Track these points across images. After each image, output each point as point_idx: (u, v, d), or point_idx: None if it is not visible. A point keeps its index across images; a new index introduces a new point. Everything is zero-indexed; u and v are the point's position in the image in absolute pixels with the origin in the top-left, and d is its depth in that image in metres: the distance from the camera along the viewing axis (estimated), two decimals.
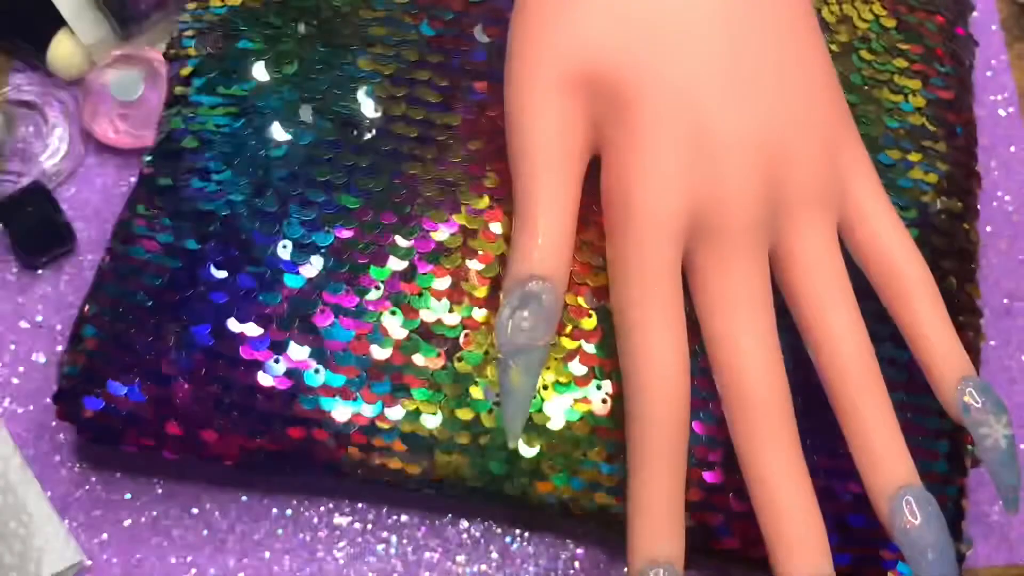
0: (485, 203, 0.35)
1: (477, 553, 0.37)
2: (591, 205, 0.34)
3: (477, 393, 0.34)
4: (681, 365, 0.31)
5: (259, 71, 0.36)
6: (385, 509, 0.37)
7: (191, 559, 0.37)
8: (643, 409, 0.31)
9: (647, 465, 0.31)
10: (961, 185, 0.38)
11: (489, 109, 0.36)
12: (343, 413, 0.33)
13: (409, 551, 0.37)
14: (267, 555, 0.37)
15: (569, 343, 0.34)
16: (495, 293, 0.34)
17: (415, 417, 0.33)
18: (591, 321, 0.34)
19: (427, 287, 0.34)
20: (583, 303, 0.34)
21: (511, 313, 0.31)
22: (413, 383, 0.33)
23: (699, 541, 0.34)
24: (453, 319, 0.34)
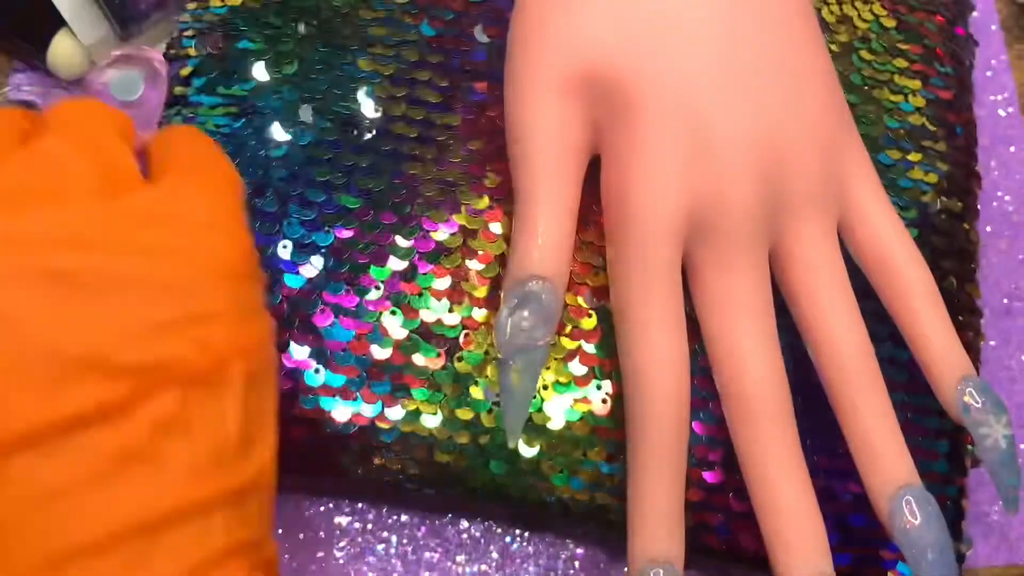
0: (485, 203, 0.35)
1: (477, 553, 0.37)
2: (591, 205, 0.34)
3: (477, 393, 0.34)
4: (681, 365, 0.31)
5: (259, 71, 0.36)
6: (385, 509, 0.37)
7: None
8: (643, 409, 0.31)
9: (647, 465, 0.31)
10: (961, 185, 0.38)
11: (489, 109, 0.36)
12: (343, 413, 0.33)
13: (409, 551, 0.37)
14: None
15: (569, 343, 0.34)
16: (495, 293, 0.34)
17: (415, 417, 0.33)
18: (591, 321, 0.34)
19: (427, 287, 0.34)
20: (583, 303, 0.34)
21: (510, 313, 0.31)
22: (413, 383, 0.33)
23: (699, 541, 0.34)
24: (453, 319, 0.34)
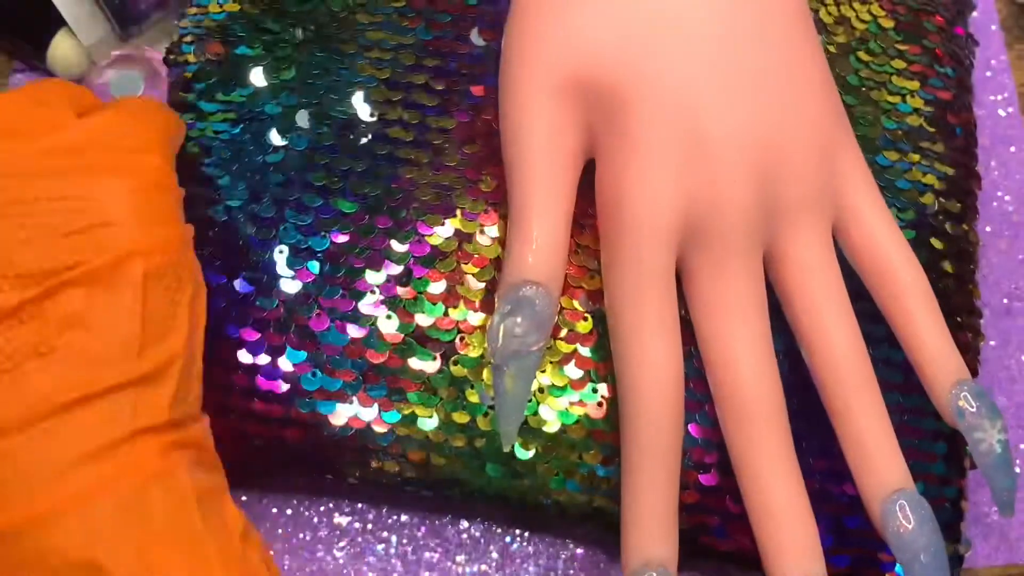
0: (481, 207, 0.35)
1: (477, 553, 0.37)
2: (586, 209, 0.34)
3: (473, 396, 0.34)
4: (675, 368, 0.31)
5: (257, 77, 0.36)
6: (385, 509, 0.37)
7: None
8: (637, 412, 0.31)
9: (641, 467, 0.31)
10: (960, 186, 0.38)
11: (485, 113, 0.36)
12: (340, 417, 0.33)
13: (409, 551, 0.37)
14: None
15: (565, 346, 0.34)
16: (490, 296, 0.34)
17: (411, 420, 0.34)
18: (586, 325, 0.34)
19: (423, 291, 0.34)
20: (578, 306, 0.34)
21: (503, 319, 0.31)
22: (409, 387, 0.34)
23: (695, 543, 0.34)
24: (448, 323, 0.34)
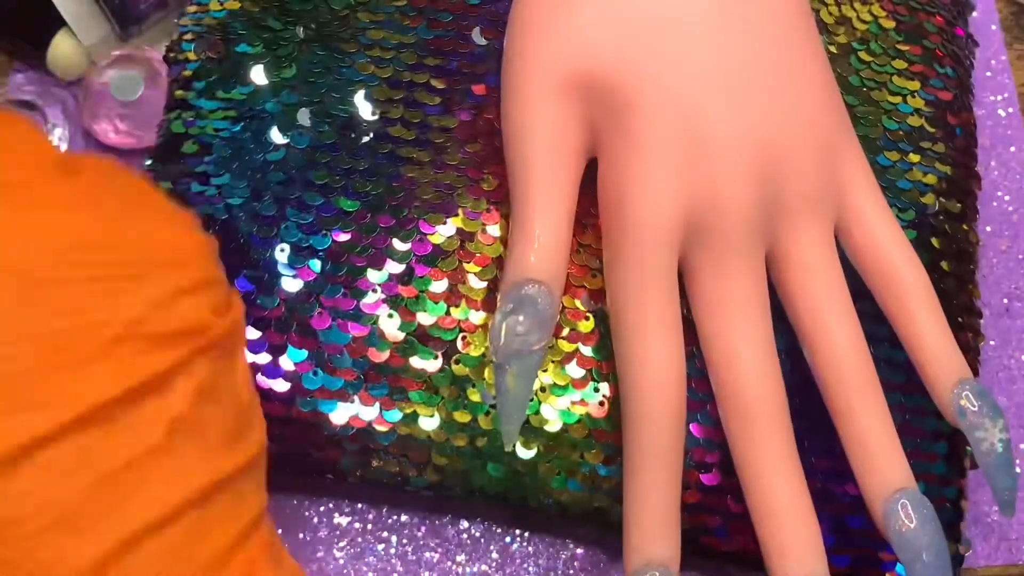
0: (482, 206, 0.35)
1: (477, 553, 0.37)
2: (588, 208, 0.34)
3: (474, 395, 0.34)
4: (677, 368, 0.31)
5: (258, 75, 0.36)
6: (385, 509, 0.37)
7: None
8: (639, 411, 0.31)
9: (643, 467, 0.31)
10: (960, 186, 0.38)
11: (486, 112, 0.36)
12: (341, 416, 0.33)
13: (409, 551, 0.37)
14: None
15: (567, 346, 0.34)
16: (492, 295, 0.34)
17: (413, 420, 0.33)
18: (588, 324, 0.34)
19: (424, 290, 0.34)
20: (580, 306, 0.34)
21: (505, 317, 0.31)
22: (411, 386, 0.34)
23: (697, 543, 0.34)
24: (450, 322, 0.34)
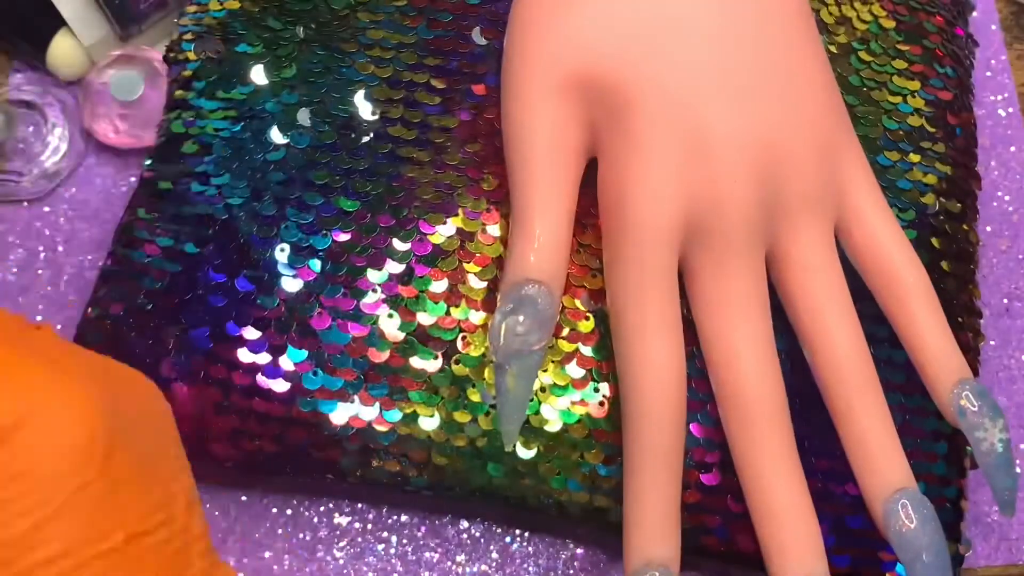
0: (482, 206, 0.35)
1: (477, 553, 0.37)
2: (588, 208, 0.34)
3: (474, 396, 0.34)
4: (677, 368, 0.31)
5: (258, 75, 0.36)
6: (385, 509, 0.37)
7: None
8: (639, 411, 0.31)
9: (643, 468, 0.31)
10: (960, 186, 0.38)
11: (486, 111, 0.36)
12: (341, 416, 0.33)
13: (409, 551, 0.37)
14: (267, 555, 0.37)
15: (567, 346, 0.34)
16: (492, 295, 0.34)
17: (413, 420, 0.33)
18: (588, 324, 0.34)
19: (424, 290, 0.34)
20: (580, 306, 0.34)
21: (505, 317, 0.31)
22: (410, 386, 0.34)
23: (697, 542, 0.34)
24: (450, 322, 0.34)
